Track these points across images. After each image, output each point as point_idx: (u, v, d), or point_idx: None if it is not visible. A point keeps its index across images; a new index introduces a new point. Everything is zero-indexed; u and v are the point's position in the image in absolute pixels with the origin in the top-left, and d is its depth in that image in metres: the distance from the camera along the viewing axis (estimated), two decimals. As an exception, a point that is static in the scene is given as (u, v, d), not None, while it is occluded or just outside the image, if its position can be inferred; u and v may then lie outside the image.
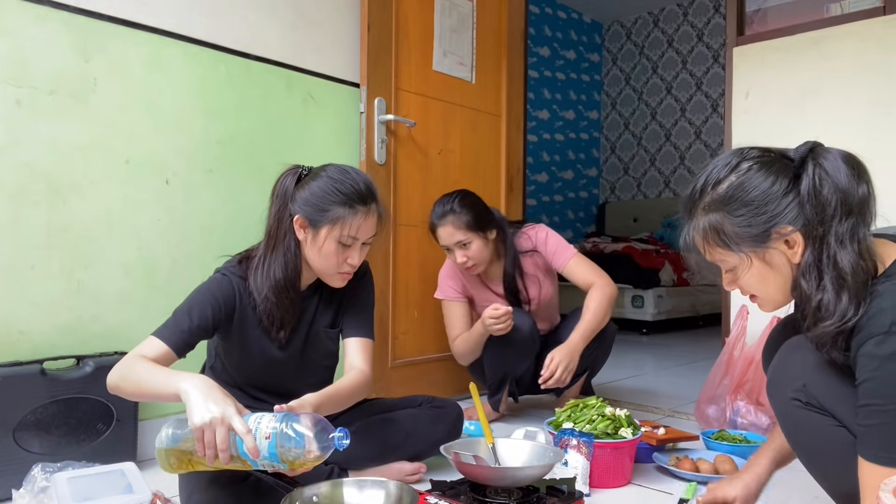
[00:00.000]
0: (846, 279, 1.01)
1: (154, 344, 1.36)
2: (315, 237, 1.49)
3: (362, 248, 1.54)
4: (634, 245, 5.48)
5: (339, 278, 1.55)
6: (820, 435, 1.14)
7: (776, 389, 1.23)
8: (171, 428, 1.23)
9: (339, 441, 1.18)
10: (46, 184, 1.75)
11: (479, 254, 2.26)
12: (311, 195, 1.48)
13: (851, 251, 1.02)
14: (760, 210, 1.07)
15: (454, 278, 2.41)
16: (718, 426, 2.20)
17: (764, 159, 1.09)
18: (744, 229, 1.08)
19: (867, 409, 1.00)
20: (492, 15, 2.94)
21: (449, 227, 2.24)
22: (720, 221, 1.10)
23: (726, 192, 1.09)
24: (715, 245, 1.12)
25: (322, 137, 2.38)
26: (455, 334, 2.38)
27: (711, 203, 1.11)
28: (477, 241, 2.25)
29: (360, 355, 1.61)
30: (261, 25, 2.20)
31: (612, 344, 2.38)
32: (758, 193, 1.07)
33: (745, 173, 1.09)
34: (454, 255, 2.28)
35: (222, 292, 1.49)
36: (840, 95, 2.36)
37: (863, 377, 1.00)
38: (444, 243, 2.27)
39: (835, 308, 1.02)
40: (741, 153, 1.12)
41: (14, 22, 1.70)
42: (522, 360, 2.29)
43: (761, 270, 1.10)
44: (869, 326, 0.99)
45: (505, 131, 3.00)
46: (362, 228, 1.50)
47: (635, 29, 7.00)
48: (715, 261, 1.16)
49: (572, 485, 1.49)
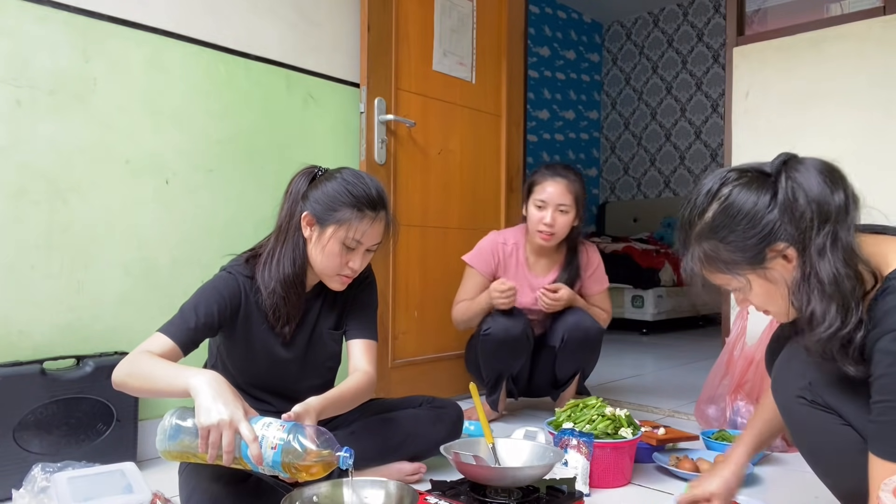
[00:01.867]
0: (825, 289, 1.01)
1: (160, 340, 1.36)
2: (320, 235, 1.50)
3: (365, 255, 1.53)
4: (634, 245, 5.48)
5: (339, 281, 1.55)
6: (825, 433, 1.14)
7: (781, 387, 1.22)
8: (175, 418, 1.22)
9: (344, 460, 1.18)
10: (46, 184, 1.75)
11: (565, 228, 2.29)
12: (323, 194, 1.49)
13: (832, 260, 1.01)
14: (749, 232, 1.07)
15: (493, 255, 2.39)
16: (718, 426, 2.20)
17: (742, 180, 1.09)
18: (738, 254, 1.08)
19: (881, 406, 0.99)
20: (492, 15, 2.94)
21: (562, 186, 2.27)
22: (714, 249, 1.10)
23: (713, 221, 1.10)
24: (715, 271, 1.13)
25: (322, 137, 2.38)
26: (461, 298, 2.38)
27: (701, 233, 1.12)
28: (572, 214, 2.29)
29: (364, 357, 1.62)
30: (261, 25, 2.20)
31: (601, 345, 2.39)
32: (743, 217, 1.07)
33: (727, 199, 1.09)
34: (544, 214, 2.26)
35: (228, 290, 1.49)
36: (840, 95, 2.36)
37: (878, 373, 0.99)
38: (548, 198, 2.26)
39: (823, 317, 1.02)
40: (721, 178, 1.12)
41: (14, 22, 1.70)
42: (517, 358, 2.29)
43: (765, 288, 1.10)
44: (884, 324, 0.99)
45: (505, 131, 2.99)
46: (367, 234, 1.50)
47: (635, 29, 7.00)
48: (719, 284, 1.16)
49: (572, 485, 1.49)
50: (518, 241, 2.41)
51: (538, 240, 2.30)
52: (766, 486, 1.76)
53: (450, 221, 2.76)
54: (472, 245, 2.52)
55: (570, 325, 2.27)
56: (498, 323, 2.22)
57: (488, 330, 2.23)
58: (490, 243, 2.41)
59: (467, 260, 2.42)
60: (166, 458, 1.25)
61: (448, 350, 2.71)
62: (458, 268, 2.47)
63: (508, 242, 2.41)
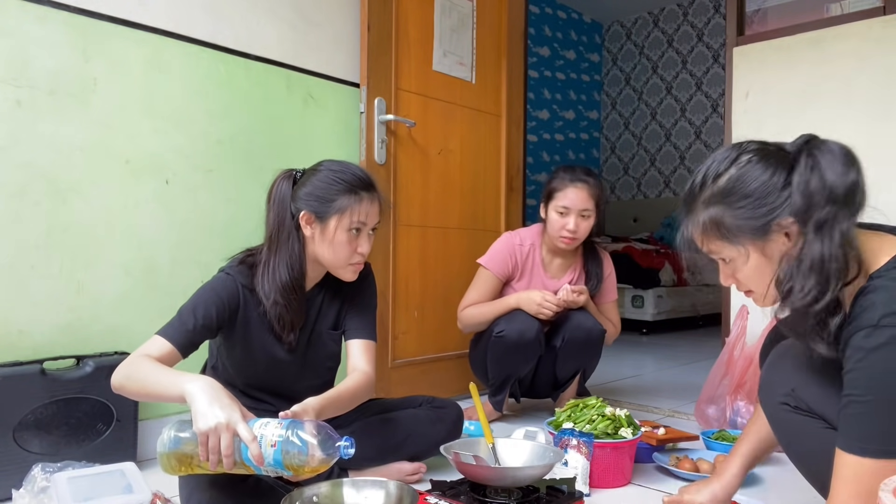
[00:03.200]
0: (812, 265, 1.02)
1: (159, 343, 1.36)
2: (324, 230, 1.50)
3: (369, 237, 1.55)
4: (634, 245, 5.48)
5: (352, 269, 1.55)
6: (810, 438, 1.15)
7: (766, 394, 1.23)
8: (174, 430, 1.22)
9: (344, 450, 1.18)
10: (46, 184, 1.75)
11: (587, 232, 2.31)
12: (315, 189, 1.49)
13: (827, 240, 1.02)
14: (760, 202, 1.07)
15: (511, 257, 2.37)
16: (718, 426, 2.20)
17: (763, 152, 1.10)
18: (744, 222, 1.08)
19: (847, 399, 1.00)
20: (492, 15, 2.94)
21: (585, 192, 2.27)
22: (720, 214, 1.10)
23: (726, 185, 1.09)
24: (714, 239, 1.12)
25: (322, 137, 2.38)
26: (472, 300, 2.36)
27: (711, 197, 1.11)
28: (593, 219, 2.30)
29: (364, 357, 1.61)
30: (261, 25, 2.20)
31: (602, 347, 2.39)
32: (757, 185, 1.07)
33: (745, 166, 1.09)
34: (567, 220, 2.26)
35: (227, 291, 1.49)
36: (840, 95, 2.36)
37: (848, 367, 1.01)
38: (570, 204, 2.25)
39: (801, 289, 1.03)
40: (740, 147, 1.12)
41: (14, 22, 1.70)
42: (527, 362, 2.29)
43: (759, 263, 1.10)
44: (859, 320, 1.00)
45: (505, 131, 3.00)
46: (369, 214, 1.51)
47: (635, 29, 7.00)
48: (713, 255, 1.15)
49: (572, 485, 1.49)
50: (534, 242, 2.41)
51: (560, 244, 2.31)
52: (766, 486, 1.76)
53: (450, 221, 2.76)
54: (473, 245, 2.52)
55: (572, 326, 2.27)
56: (512, 326, 2.20)
57: (502, 332, 2.21)
58: (506, 245, 2.39)
59: (483, 262, 2.39)
60: (169, 472, 1.23)
61: (448, 350, 2.71)
62: (459, 268, 2.47)
63: (525, 244, 2.40)
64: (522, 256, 2.38)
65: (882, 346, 0.96)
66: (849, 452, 0.99)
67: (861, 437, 0.98)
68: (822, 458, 1.11)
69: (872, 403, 0.97)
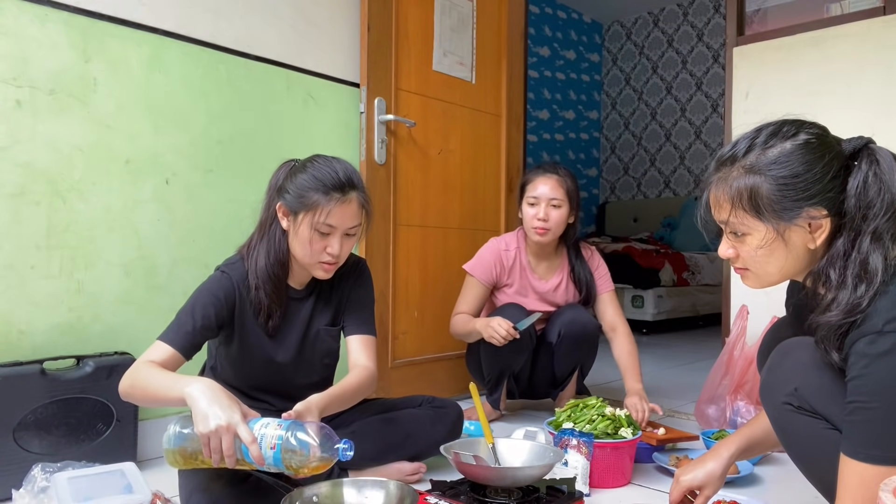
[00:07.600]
0: (867, 277, 1.01)
1: (160, 348, 1.37)
2: (294, 224, 1.50)
3: (345, 239, 1.50)
4: (634, 245, 5.48)
5: (321, 268, 1.52)
6: (812, 438, 1.15)
7: (768, 393, 1.23)
8: (178, 426, 1.23)
9: (343, 452, 1.19)
10: (46, 184, 1.75)
11: (559, 222, 2.29)
12: (294, 184, 1.50)
13: (882, 252, 1.02)
14: (806, 185, 1.05)
15: (496, 264, 2.37)
16: (718, 426, 2.20)
17: (823, 137, 1.08)
18: (779, 198, 1.05)
19: (851, 406, 1.00)
20: (492, 15, 2.94)
21: (554, 181, 2.28)
22: (758, 185, 1.06)
23: (777, 157, 1.07)
24: (740, 207, 1.08)
25: (322, 137, 2.38)
26: (461, 309, 2.37)
27: (756, 164, 1.08)
28: (565, 209, 2.29)
29: (364, 352, 1.62)
30: (261, 25, 2.20)
31: (598, 340, 2.39)
32: (807, 167, 1.05)
33: (803, 144, 1.07)
34: (538, 210, 2.27)
35: (224, 290, 1.49)
36: (840, 95, 2.36)
37: (852, 374, 1.01)
38: (540, 194, 2.27)
39: (848, 301, 1.02)
40: (800, 124, 1.10)
41: (14, 22, 1.70)
42: (519, 356, 2.29)
43: (773, 245, 1.08)
44: (863, 325, 1.00)
45: (505, 131, 2.99)
46: (336, 216, 1.46)
47: (635, 29, 7.00)
48: (727, 225, 1.12)
49: (572, 485, 1.49)
50: (519, 245, 2.41)
51: (534, 237, 2.30)
52: (766, 486, 1.76)
53: (450, 221, 2.76)
54: (473, 245, 2.52)
55: (567, 321, 2.28)
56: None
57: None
58: (492, 252, 2.39)
59: (468, 269, 2.40)
60: (175, 466, 1.25)
61: (448, 350, 2.71)
62: (458, 268, 2.46)
63: (510, 248, 2.40)
64: (509, 261, 2.39)
65: (887, 352, 0.96)
66: (854, 459, 0.99)
67: (867, 443, 0.98)
68: (825, 459, 1.11)
69: (878, 410, 0.97)
